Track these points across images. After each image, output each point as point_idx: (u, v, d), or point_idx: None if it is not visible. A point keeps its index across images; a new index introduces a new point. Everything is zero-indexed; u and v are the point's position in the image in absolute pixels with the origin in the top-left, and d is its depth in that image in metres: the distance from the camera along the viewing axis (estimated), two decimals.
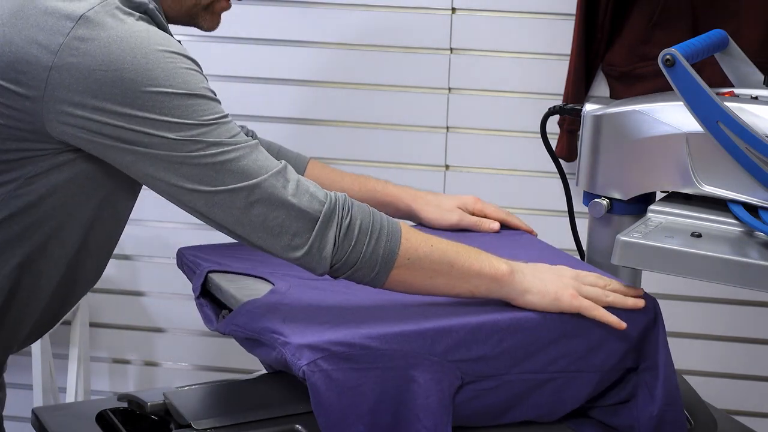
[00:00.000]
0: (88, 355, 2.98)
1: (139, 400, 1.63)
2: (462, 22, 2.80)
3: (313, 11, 2.83)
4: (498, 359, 1.55)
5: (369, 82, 2.85)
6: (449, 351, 1.51)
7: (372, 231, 1.51)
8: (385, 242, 1.52)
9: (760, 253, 1.55)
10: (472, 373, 1.53)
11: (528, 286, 1.57)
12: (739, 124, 1.58)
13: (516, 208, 2.83)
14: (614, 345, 1.60)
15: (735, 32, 1.91)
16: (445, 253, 1.55)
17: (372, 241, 1.51)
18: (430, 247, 1.55)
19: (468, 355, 1.52)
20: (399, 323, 1.51)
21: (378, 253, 1.51)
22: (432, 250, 1.54)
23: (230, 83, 2.88)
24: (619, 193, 1.75)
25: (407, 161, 2.87)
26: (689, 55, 1.65)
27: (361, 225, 1.51)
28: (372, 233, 1.51)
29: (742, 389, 2.90)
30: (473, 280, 1.56)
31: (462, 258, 1.56)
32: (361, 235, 1.51)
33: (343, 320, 1.51)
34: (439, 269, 1.55)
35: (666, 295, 2.68)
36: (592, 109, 1.76)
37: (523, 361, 1.56)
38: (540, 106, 2.12)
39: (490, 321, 1.54)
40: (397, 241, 1.52)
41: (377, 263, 1.52)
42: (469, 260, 1.56)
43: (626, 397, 1.64)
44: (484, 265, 1.56)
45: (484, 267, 1.56)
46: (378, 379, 1.47)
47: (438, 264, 1.54)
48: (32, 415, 1.67)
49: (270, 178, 1.49)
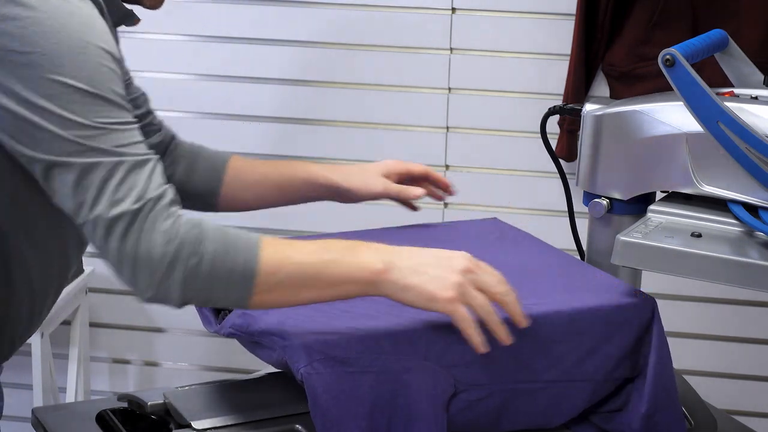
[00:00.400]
0: (88, 355, 2.98)
1: (139, 400, 1.63)
2: (462, 22, 2.80)
3: (313, 11, 2.83)
4: (490, 366, 1.54)
5: (369, 82, 2.85)
6: (442, 356, 1.51)
7: (224, 265, 1.42)
8: (241, 272, 1.43)
9: (760, 253, 1.55)
10: (465, 381, 1.53)
11: (406, 283, 1.47)
12: (739, 124, 1.58)
13: (516, 208, 2.84)
14: (608, 352, 1.59)
15: (735, 32, 1.91)
16: (312, 266, 1.46)
17: (224, 275, 1.43)
18: (292, 266, 1.45)
19: (461, 360, 1.52)
20: (395, 326, 1.51)
21: (232, 286, 1.44)
22: (294, 269, 1.46)
23: (229, 83, 2.88)
24: (619, 193, 1.75)
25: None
26: (689, 55, 1.65)
27: (213, 261, 1.42)
28: (224, 267, 1.42)
29: (742, 389, 2.90)
30: (344, 286, 1.48)
31: (330, 268, 1.47)
32: (213, 270, 1.42)
33: (340, 322, 1.51)
34: (303, 284, 1.47)
35: (666, 295, 2.68)
36: (592, 109, 1.76)
37: (515, 370, 1.55)
38: (540, 106, 2.12)
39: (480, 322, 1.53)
40: (253, 269, 1.44)
41: (233, 294, 1.44)
42: (338, 268, 1.47)
43: (621, 405, 1.63)
44: (353, 270, 1.47)
45: (354, 271, 1.47)
46: (373, 383, 1.47)
47: (302, 280, 1.46)
48: (32, 415, 1.67)
49: (125, 215, 1.40)
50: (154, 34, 2.88)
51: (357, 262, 1.47)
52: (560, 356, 1.57)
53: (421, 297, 1.47)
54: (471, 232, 1.90)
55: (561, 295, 1.63)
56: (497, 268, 1.73)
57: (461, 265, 1.48)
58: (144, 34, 2.89)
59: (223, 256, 1.42)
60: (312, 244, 1.50)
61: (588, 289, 1.65)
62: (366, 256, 1.48)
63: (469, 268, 1.48)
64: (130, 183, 1.42)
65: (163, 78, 2.90)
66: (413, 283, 1.47)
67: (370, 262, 1.47)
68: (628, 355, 1.61)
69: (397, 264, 1.47)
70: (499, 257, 1.78)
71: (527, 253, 1.81)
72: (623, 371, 1.62)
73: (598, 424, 1.64)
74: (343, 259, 1.47)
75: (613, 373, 1.61)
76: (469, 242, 1.85)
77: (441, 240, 1.85)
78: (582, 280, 1.70)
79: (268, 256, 1.45)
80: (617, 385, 1.63)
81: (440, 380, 1.51)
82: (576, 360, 1.58)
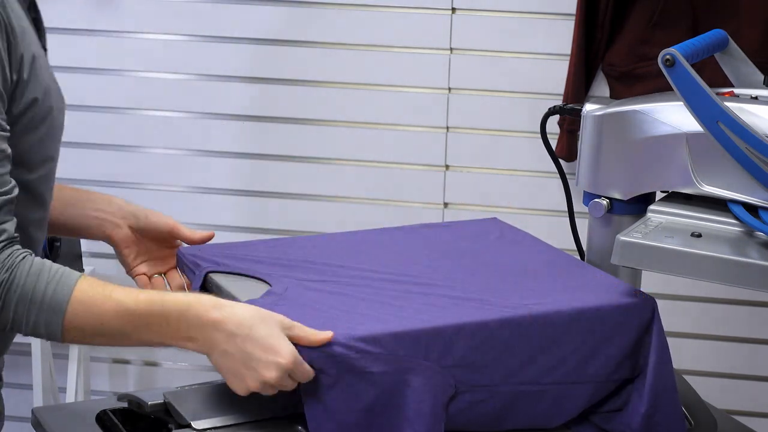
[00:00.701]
0: (88, 355, 2.98)
1: (139, 400, 1.63)
2: (462, 22, 2.80)
3: (312, 11, 2.83)
4: (490, 367, 1.53)
5: (369, 82, 2.85)
6: (442, 356, 1.51)
7: (28, 316, 1.45)
8: (45, 326, 1.46)
9: (760, 253, 1.55)
10: (466, 382, 1.53)
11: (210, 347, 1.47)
12: (739, 124, 1.58)
13: (516, 208, 2.84)
14: (608, 352, 1.59)
15: (735, 32, 1.91)
16: (119, 328, 1.47)
17: (29, 327, 1.46)
18: (100, 326, 1.47)
19: (461, 361, 1.52)
20: (395, 326, 1.51)
21: (40, 334, 1.47)
22: (101, 329, 1.47)
23: (229, 84, 2.88)
24: (619, 193, 1.75)
25: (407, 161, 2.87)
26: (689, 55, 1.65)
27: (15, 309, 1.45)
28: (28, 318, 1.45)
29: (742, 389, 2.90)
30: (151, 341, 1.50)
31: (139, 332, 1.48)
32: (17, 317, 1.45)
33: (339, 322, 1.51)
34: (110, 340, 1.49)
35: (666, 295, 2.68)
36: (592, 109, 1.76)
37: (516, 372, 1.55)
38: (540, 106, 2.12)
39: (480, 322, 1.53)
40: (57, 326, 1.46)
41: (41, 338, 1.49)
42: (148, 335, 1.48)
43: (621, 405, 1.63)
44: (165, 339, 1.48)
45: (166, 341, 1.49)
46: (372, 382, 1.47)
47: (109, 337, 1.49)
48: (32, 415, 1.67)
49: None
50: (155, 34, 2.88)
51: (175, 334, 1.47)
52: (561, 357, 1.57)
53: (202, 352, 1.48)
54: (471, 232, 1.90)
55: (561, 295, 1.62)
56: (497, 268, 1.74)
57: (274, 376, 1.45)
58: (144, 34, 2.89)
59: (26, 310, 1.45)
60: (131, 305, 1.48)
61: (588, 289, 1.65)
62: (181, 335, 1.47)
63: (280, 378, 1.45)
64: None
65: (163, 78, 2.90)
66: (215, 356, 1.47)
67: (186, 337, 1.47)
68: (628, 355, 1.61)
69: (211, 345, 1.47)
70: (499, 257, 1.79)
71: (527, 253, 1.81)
72: (623, 371, 1.62)
73: (598, 424, 1.64)
74: (157, 329, 1.48)
75: (613, 373, 1.61)
76: (469, 242, 1.85)
77: (441, 240, 1.86)
78: (582, 280, 1.70)
79: (78, 309, 1.46)
80: (617, 386, 1.63)
81: (440, 381, 1.51)
82: (576, 361, 1.58)
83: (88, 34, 2.90)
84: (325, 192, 2.89)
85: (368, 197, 2.89)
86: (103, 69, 2.90)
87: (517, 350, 1.55)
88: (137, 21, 2.88)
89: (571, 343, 1.58)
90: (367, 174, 2.87)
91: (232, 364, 1.46)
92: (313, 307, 1.54)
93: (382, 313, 1.54)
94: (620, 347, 1.60)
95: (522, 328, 1.55)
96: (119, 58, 2.90)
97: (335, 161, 2.89)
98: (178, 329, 1.47)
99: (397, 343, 1.49)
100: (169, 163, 2.92)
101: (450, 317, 1.53)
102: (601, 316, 1.59)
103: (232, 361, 1.46)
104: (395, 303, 1.57)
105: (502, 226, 1.94)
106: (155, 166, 2.94)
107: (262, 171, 2.92)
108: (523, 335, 1.55)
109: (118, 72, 2.91)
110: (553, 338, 1.57)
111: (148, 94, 2.91)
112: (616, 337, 1.60)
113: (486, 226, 1.94)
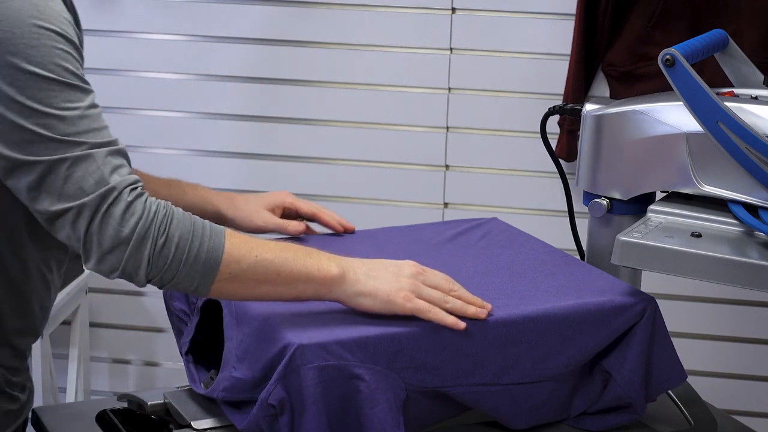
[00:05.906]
0: (88, 355, 2.98)
1: (139, 400, 1.63)
2: (462, 22, 2.80)
3: (312, 11, 2.83)
4: (442, 368, 1.52)
5: (369, 82, 2.85)
6: (392, 360, 1.49)
7: (190, 249, 1.46)
8: (205, 259, 1.46)
9: (760, 253, 1.55)
10: (418, 384, 1.51)
11: (360, 289, 1.52)
12: (739, 124, 1.58)
13: (516, 208, 2.84)
14: (573, 349, 1.58)
15: (735, 32, 1.92)
16: (271, 262, 1.50)
17: (189, 259, 1.46)
18: (254, 258, 1.49)
19: (411, 363, 1.50)
20: (342, 331, 1.49)
21: (196, 269, 1.47)
22: (256, 261, 1.49)
23: (229, 84, 2.88)
24: (619, 193, 1.75)
25: (407, 161, 2.87)
26: (689, 55, 1.65)
27: (178, 243, 1.45)
28: (190, 251, 1.46)
29: (742, 389, 2.90)
30: (300, 285, 1.52)
31: (289, 265, 1.51)
32: (178, 252, 1.45)
33: (288, 330, 1.49)
34: (263, 279, 1.50)
35: (666, 295, 2.68)
36: (592, 109, 1.76)
37: (470, 372, 1.53)
38: (540, 106, 2.12)
39: (431, 326, 1.52)
40: (217, 257, 1.47)
41: (195, 279, 1.47)
42: (296, 266, 1.51)
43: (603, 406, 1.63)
44: (312, 270, 1.51)
45: (312, 272, 1.51)
46: (325, 390, 1.45)
47: (262, 275, 1.50)
48: (32, 415, 1.67)
49: (95, 199, 1.44)
50: (155, 34, 2.89)
51: (318, 262, 1.52)
52: (519, 358, 1.56)
53: (377, 300, 1.52)
54: (471, 232, 1.90)
55: (560, 295, 1.62)
56: (497, 268, 1.73)
57: (410, 270, 1.55)
58: (144, 34, 2.89)
59: (190, 239, 1.46)
60: (273, 243, 1.54)
61: (587, 289, 1.65)
62: (325, 260, 1.53)
63: (417, 272, 1.55)
64: (94, 171, 1.45)
65: (163, 78, 2.90)
66: (368, 288, 1.52)
67: (329, 265, 1.52)
68: (627, 355, 1.61)
69: (352, 270, 1.53)
70: (498, 257, 1.79)
71: (527, 252, 1.81)
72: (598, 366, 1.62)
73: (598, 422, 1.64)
74: (301, 260, 1.52)
75: (586, 366, 1.61)
76: (470, 242, 1.85)
77: (441, 240, 1.85)
78: (581, 279, 1.69)
79: (233, 246, 1.48)
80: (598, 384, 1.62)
81: (391, 384, 1.49)
82: (537, 359, 1.56)
83: (87, 34, 2.89)
84: (325, 192, 2.89)
85: (368, 197, 2.89)
86: (103, 69, 2.90)
87: (462, 357, 1.53)
88: (137, 21, 2.88)
89: (522, 344, 1.55)
90: (367, 174, 2.87)
91: (377, 273, 1.53)
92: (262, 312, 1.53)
93: (329, 320, 1.53)
94: (589, 344, 1.59)
95: (481, 318, 1.54)
96: (119, 58, 2.90)
97: (335, 161, 2.89)
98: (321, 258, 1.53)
99: (344, 350, 1.47)
100: (169, 163, 2.92)
101: (396, 321, 1.52)
102: (600, 316, 1.59)
103: (375, 269, 1.54)
104: (341, 307, 1.55)
105: (502, 226, 1.94)
106: (155, 166, 2.92)
107: (261, 170, 2.92)
108: (517, 334, 1.54)
109: (118, 72, 2.91)
110: (551, 338, 1.56)
111: (148, 94, 2.91)
112: (615, 337, 1.60)
113: (486, 226, 1.94)
